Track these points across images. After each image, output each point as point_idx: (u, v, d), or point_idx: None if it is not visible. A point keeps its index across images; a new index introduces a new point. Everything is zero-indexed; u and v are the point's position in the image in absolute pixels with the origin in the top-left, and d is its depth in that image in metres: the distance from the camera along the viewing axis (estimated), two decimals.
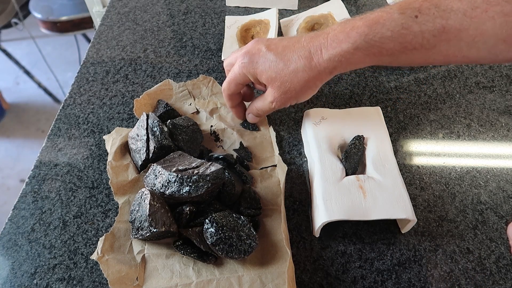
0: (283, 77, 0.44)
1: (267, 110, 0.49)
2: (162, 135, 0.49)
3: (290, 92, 0.45)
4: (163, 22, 0.77)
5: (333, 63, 0.41)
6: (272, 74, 0.44)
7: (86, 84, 0.65)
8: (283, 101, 0.46)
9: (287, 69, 0.43)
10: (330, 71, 0.43)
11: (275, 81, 0.44)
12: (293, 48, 0.43)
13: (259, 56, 0.45)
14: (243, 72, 0.46)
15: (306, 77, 0.43)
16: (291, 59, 0.43)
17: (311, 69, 0.42)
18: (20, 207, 0.49)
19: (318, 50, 0.42)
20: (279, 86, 0.44)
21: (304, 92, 0.46)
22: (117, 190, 0.47)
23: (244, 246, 0.41)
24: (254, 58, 0.45)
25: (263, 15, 0.72)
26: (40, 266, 0.44)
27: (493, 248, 0.45)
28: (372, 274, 0.44)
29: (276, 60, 0.44)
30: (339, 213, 0.43)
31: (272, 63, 0.44)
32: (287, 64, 0.43)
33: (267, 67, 0.44)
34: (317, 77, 0.43)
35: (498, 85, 0.64)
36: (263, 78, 0.45)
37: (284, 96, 0.45)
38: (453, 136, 0.57)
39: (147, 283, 0.41)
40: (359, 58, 0.41)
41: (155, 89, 0.58)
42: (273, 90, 0.45)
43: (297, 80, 0.43)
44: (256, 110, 0.51)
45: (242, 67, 0.46)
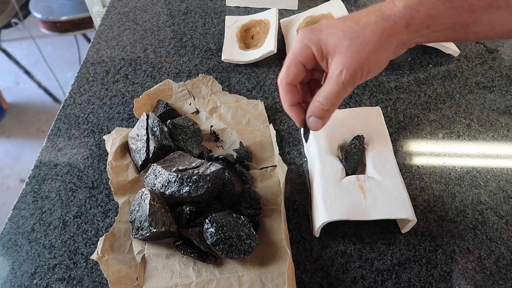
0: (352, 33, 0.37)
1: (335, 93, 0.38)
2: (162, 135, 0.49)
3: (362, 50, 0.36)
4: (163, 22, 0.77)
5: (409, 11, 0.36)
6: (339, 34, 0.37)
7: (86, 84, 0.65)
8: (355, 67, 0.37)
9: (357, 25, 0.37)
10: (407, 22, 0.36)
11: (344, 41, 0.37)
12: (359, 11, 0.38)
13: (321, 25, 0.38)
14: (305, 44, 0.38)
15: (380, 28, 0.36)
16: (359, 16, 0.37)
17: (385, 20, 0.36)
18: (20, 207, 0.49)
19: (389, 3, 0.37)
20: (349, 46, 0.36)
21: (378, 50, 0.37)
22: (117, 190, 0.47)
23: (244, 246, 0.41)
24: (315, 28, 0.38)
25: (263, 15, 0.72)
26: (40, 266, 0.44)
27: (493, 248, 0.45)
28: (372, 274, 0.44)
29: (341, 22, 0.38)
30: (339, 213, 0.43)
31: (338, 25, 0.37)
32: (356, 21, 0.37)
33: (333, 29, 0.37)
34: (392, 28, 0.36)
35: (498, 85, 0.64)
36: (328, 44, 0.37)
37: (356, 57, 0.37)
38: (453, 136, 0.57)
39: (147, 283, 0.41)
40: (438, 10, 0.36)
41: (155, 89, 0.59)
42: (340, 55, 0.37)
43: (371, 32, 0.36)
44: (320, 102, 0.39)
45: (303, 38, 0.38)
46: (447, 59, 0.68)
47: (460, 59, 0.68)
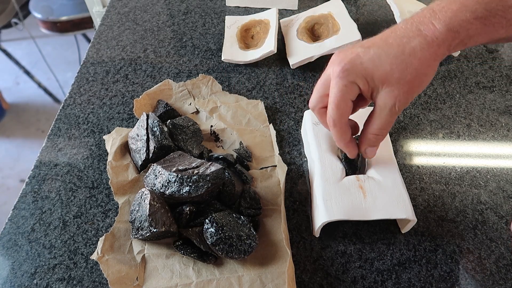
0: (400, 64, 0.36)
1: (388, 123, 0.40)
2: (162, 135, 0.49)
3: (412, 80, 0.37)
4: (163, 22, 0.77)
5: (451, 33, 0.35)
6: (386, 67, 0.36)
7: (86, 84, 0.65)
8: (407, 97, 0.37)
9: (403, 54, 0.36)
10: (449, 45, 0.36)
11: (392, 74, 0.36)
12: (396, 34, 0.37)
13: (360, 57, 0.37)
14: (349, 81, 0.37)
15: (426, 56, 0.36)
16: (401, 43, 0.36)
17: (429, 45, 0.36)
18: (20, 207, 0.49)
19: (428, 24, 0.36)
20: (399, 78, 0.36)
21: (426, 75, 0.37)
22: (117, 190, 0.47)
23: (244, 246, 0.41)
24: (356, 61, 0.37)
25: (263, 15, 0.72)
26: (40, 266, 0.44)
27: (493, 248, 0.45)
28: (372, 274, 0.44)
29: (384, 52, 0.36)
30: (339, 213, 0.43)
31: (382, 55, 0.36)
32: (400, 49, 0.36)
33: (377, 62, 0.36)
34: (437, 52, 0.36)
35: (498, 85, 0.64)
36: (375, 77, 0.37)
37: (407, 88, 0.37)
38: (453, 136, 0.57)
39: (147, 283, 0.41)
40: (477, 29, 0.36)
41: (155, 89, 0.59)
42: (390, 88, 0.37)
43: (418, 62, 0.36)
44: (374, 134, 0.40)
45: (347, 75, 0.37)
46: (447, 59, 0.68)
47: (460, 59, 0.68)
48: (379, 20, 0.77)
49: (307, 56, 0.64)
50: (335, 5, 0.70)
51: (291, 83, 0.64)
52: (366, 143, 0.42)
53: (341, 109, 0.38)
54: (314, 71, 0.66)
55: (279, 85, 0.64)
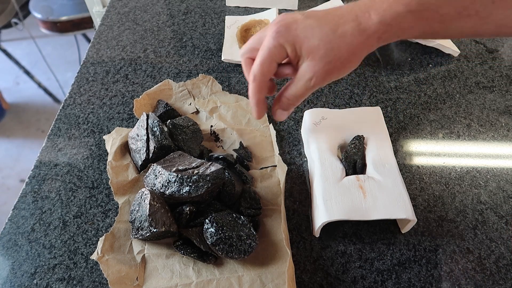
0: (328, 43, 0.38)
1: (302, 93, 0.41)
2: (162, 135, 0.49)
3: (334, 61, 0.38)
4: (163, 22, 0.77)
5: (383, 26, 0.37)
6: (315, 41, 0.38)
7: (86, 84, 0.65)
8: (324, 75, 0.39)
9: (333, 34, 0.38)
10: (379, 37, 0.38)
11: (318, 49, 0.38)
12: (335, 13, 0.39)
13: (297, 23, 0.39)
14: (279, 43, 0.39)
15: (355, 42, 0.38)
16: (337, 23, 0.38)
17: (360, 33, 0.38)
18: (20, 207, 0.49)
19: (365, 13, 0.38)
20: (323, 55, 0.38)
21: (349, 61, 0.39)
22: (117, 190, 0.47)
23: (244, 246, 0.41)
24: (291, 26, 0.38)
25: (263, 15, 0.72)
26: (40, 266, 0.44)
27: (493, 248, 0.45)
28: (372, 274, 0.44)
29: (319, 25, 0.38)
30: (339, 213, 0.43)
31: (315, 29, 0.38)
32: (332, 28, 0.38)
33: (310, 33, 0.38)
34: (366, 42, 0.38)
35: (498, 85, 0.64)
36: (303, 47, 0.38)
37: (327, 67, 0.39)
38: (453, 136, 0.57)
39: (147, 283, 0.41)
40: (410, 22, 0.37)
41: (155, 89, 0.59)
42: (313, 62, 0.39)
43: (345, 46, 0.38)
44: (288, 99, 0.42)
45: (278, 37, 0.38)
46: (447, 59, 0.68)
47: (460, 59, 0.68)
48: None
49: None
50: (335, 5, 0.70)
51: None
52: (278, 105, 0.43)
53: (265, 67, 0.40)
54: None
55: (279, 85, 0.64)
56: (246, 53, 0.43)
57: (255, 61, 0.41)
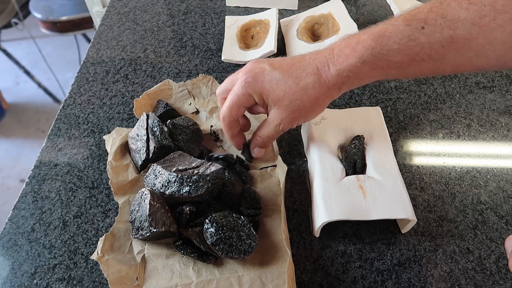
0: (292, 95, 0.41)
1: (273, 135, 0.46)
2: (162, 135, 0.49)
3: (299, 111, 0.42)
4: (163, 22, 0.77)
5: (341, 78, 0.40)
6: (280, 93, 0.42)
7: (86, 84, 0.65)
8: (291, 121, 0.44)
9: (296, 87, 0.41)
10: (339, 87, 0.41)
11: (283, 100, 0.42)
12: (299, 66, 0.42)
13: (263, 75, 0.42)
14: (247, 92, 0.43)
15: (316, 94, 0.41)
16: (299, 76, 0.41)
17: (321, 86, 0.41)
18: (20, 207, 0.49)
19: (325, 66, 0.41)
20: (287, 106, 0.42)
21: (313, 110, 0.43)
22: (117, 190, 0.47)
23: (244, 246, 0.41)
24: (258, 77, 0.42)
25: (263, 15, 0.72)
26: (40, 266, 0.44)
27: (493, 248, 0.45)
28: (372, 274, 0.44)
29: (283, 78, 0.41)
30: (339, 213, 0.43)
31: (280, 81, 0.41)
32: (295, 82, 0.41)
33: (274, 85, 0.42)
34: (327, 93, 0.42)
35: (498, 85, 0.64)
36: (269, 98, 0.43)
37: (293, 115, 0.43)
38: (453, 136, 0.57)
39: (147, 283, 0.41)
40: (366, 72, 0.40)
41: (155, 89, 0.59)
42: (279, 110, 0.43)
43: (307, 97, 0.41)
44: (261, 139, 0.47)
45: (246, 87, 0.42)
46: None
47: None
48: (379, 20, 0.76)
49: None
50: (335, 5, 0.70)
51: None
52: (254, 143, 0.48)
53: (232, 111, 0.45)
54: None
55: None
56: (221, 93, 0.47)
57: (225, 103, 0.45)
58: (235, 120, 0.46)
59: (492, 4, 0.34)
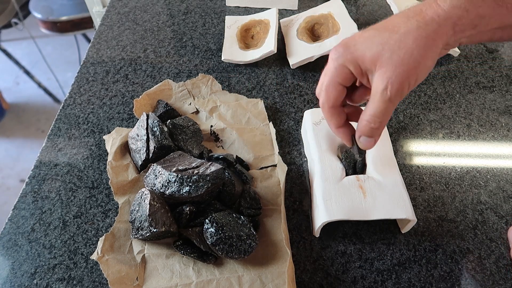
0: (393, 44, 0.33)
1: (382, 111, 0.36)
2: (162, 135, 0.49)
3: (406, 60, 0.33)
4: (163, 22, 0.77)
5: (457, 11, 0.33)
6: (378, 47, 0.34)
7: (86, 84, 0.65)
8: (401, 80, 0.34)
9: (396, 34, 0.34)
10: (454, 23, 0.33)
11: (382, 54, 0.34)
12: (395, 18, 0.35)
13: (354, 40, 0.36)
14: (340, 64, 0.36)
15: (424, 35, 0.33)
16: (397, 24, 0.34)
17: (427, 24, 0.33)
18: (20, 207, 0.49)
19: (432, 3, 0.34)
20: (390, 59, 0.33)
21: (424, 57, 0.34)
22: (117, 190, 0.47)
23: (244, 246, 0.41)
24: (349, 44, 0.36)
25: (263, 15, 0.72)
26: (40, 266, 0.44)
27: (493, 248, 0.45)
28: (372, 274, 0.44)
29: (378, 33, 0.35)
30: (339, 213, 0.43)
31: (375, 37, 0.34)
32: (394, 30, 0.34)
33: (369, 43, 0.35)
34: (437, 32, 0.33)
35: (498, 85, 0.64)
36: (366, 60, 0.35)
37: (400, 69, 0.33)
38: (453, 136, 0.57)
39: (147, 283, 0.41)
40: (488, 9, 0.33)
41: (155, 89, 0.59)
42: (382, 69, 0.34)
43: (413, 41, 0.33)
44: (367, 122, 0.37)
45: (337, 58, 0.36)
46: (447, 59, 0.68)
47: (460, 59, 0.68)
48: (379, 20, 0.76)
49: (307, 56, 0.64)
50: (335, 5, 0.70)
51: (291, 83, 0.64)
52: (360, 131, 0.39)
53: (329, 92, 0.37)
54: (314, 71, 0.66)
55: (279, 85, 0.64)
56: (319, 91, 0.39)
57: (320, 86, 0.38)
58: (336, 104, 0.38)
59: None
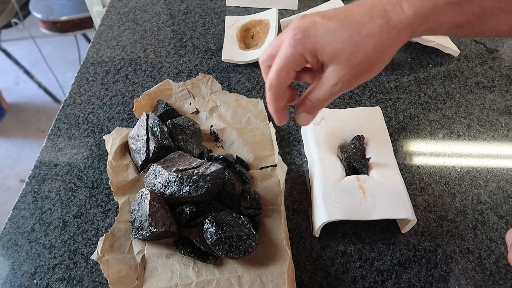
0: (353, 45, 0.34)
1: (327, 98, 0.38)
2: (162, 135, 0.49)
3: (362, 64, 0.35)
4: (163, 22, 0.77)
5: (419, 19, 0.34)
6: (338, 44, 0.34)
7: (86, 84, 0.65)
8: (351, 79, 0.36)
9: (359, 35, 0.34)
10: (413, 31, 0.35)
11: (342, 53, 0.35)
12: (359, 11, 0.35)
13: (315, 28, 0.35)
14: (297, 52, 0.36)
15: (384, 40, 0.34)
16: (361, 22, 0.34)
17: (390, 29, 0.34)
18: (20, 207, 0.49)
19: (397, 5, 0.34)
20: (348, 59, 0.35)
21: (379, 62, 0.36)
22: (117, 190, 0.47)
23: (244, 246, 0.41)
24: (309, 31, 0.35)
25: (263, 15, 0.72)
26: (40, 266, 0.44)
27: (493, 248, 0.45)
28: (372, 274, 0.44)
29: (341, 27, 0.35)
30: (339, 213, 0.43)
31: (337, 31, 0.34)
32: (357, 29, 0.34)
33: (330, 37, 0.35)
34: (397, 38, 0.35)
35: (498, 85, 0.64)
36: (325, 53, 0.35)
37: (354, 71, 0.35)
38: (453, 136, 0.57)
39: (147, 283, 0.41)
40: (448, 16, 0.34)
41: (155, 89, 0.59)
42: (338, 67, 0.35)
43: (373, 46, 0.34)
44: (312, 102, 0.39)
45: (296, 45, 0.35)
46: (447, 59, 0.68)
47: (460, 59, 0.68)
48: None
49: None
50: (335, 5, 0.70)
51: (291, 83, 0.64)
52: (302, 108, 0.40)
53: (281, 76, 0.37)
54: None
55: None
56: (265, 61, 0.40)
57: (271, 69, 0.38)
58: (284, 87, 0.39)
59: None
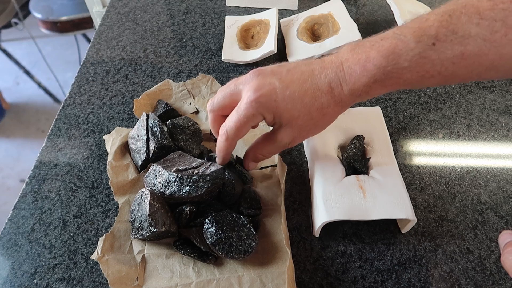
0: (307, 114, 0.41)
1: (277, 152, 0.46)
2: (162, 135, 0.49)
3: (311, 128, 0.43)
4: (163, 22, 0.77)
5: (354, 97, 0.41)
6: (295, 113, 0.41)
7: (86, 84, 0.65)
8: (301, 139, 0.44)
9: (312, 106, 0.41)
10: (353, 100, 0.42)
11: (297, 120, 0.41)
12: (311, 82, 0.41)
13: (276, 94, 0.40)
14: (259, 112, 0.40)
15: (331, 112, 0.42)
16: (314, 95, 0.41)
17: (335, 104, 0.41)
18: (20, 207, 0.49)
19: (338, 84, 0.40)
20: (302, 124, 0.42)
21: (324, 126, 0.44)
22: (117, 190, 0.47)
23: (244, 246, 0.41)
24: (271, 96, 0.40)
25: (263, 15, 0.72)
26: (40, 266, 0.44)
27: (493, 248, 0.45)
28: (372, 274, 0.44)
29: (299, 97, 0.40)
30: (339, 213, 0.43)
31: (295, 101, 0.40)
32: (311, 101, 0.41)
33: (290, 105, 0.40)
34: (340, 110, 0.42)
35: (498, 85, 0.64)
36: (283, 118, 0.41)
37: (304, 133, 0.43)
38: (453, 136, 0.57)
39: (147, 283, 0.41)
40: (376, 89, 0.40)
41: (155, 89, 0.59)
42: (291, 129, 0.42)
43: (322, 116, 0.42)
44: (264, 156, 0.46)
45: (258, 107, 0.40)
46: None
47: None
48: (379, 20, 0.77)
49: (307, 56, 0.64)
50: (335, 5, 0.70)
51: None
52: (252, 160, 0.47)
53: (240, 131, 0.42)
54: None
55: None
56: (216, 110, 0.44)
57: (230, 122, 0.42)
58: (238, 139, 0.44)
59: (504, 20, 0.34)
